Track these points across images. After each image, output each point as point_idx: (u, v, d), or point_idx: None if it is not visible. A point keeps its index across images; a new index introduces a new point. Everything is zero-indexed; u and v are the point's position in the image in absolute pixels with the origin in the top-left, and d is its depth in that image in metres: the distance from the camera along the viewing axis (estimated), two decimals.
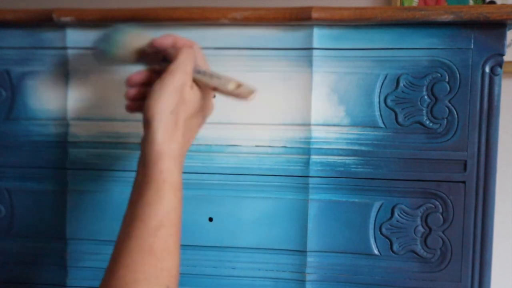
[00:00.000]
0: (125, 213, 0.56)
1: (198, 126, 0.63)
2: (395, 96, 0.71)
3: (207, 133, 0.74)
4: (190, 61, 0.58)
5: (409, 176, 0.72)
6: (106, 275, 0.53)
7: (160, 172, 0.54)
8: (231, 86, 0.57)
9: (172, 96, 0.55)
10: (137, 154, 0.75)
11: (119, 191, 0.76)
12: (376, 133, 0.72)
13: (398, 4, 1.31)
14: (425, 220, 0.72)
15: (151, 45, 0.63)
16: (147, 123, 0.56)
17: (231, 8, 0.69)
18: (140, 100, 0.60)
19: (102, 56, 0.65)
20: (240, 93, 0.56)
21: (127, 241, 0.53)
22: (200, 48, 0.63)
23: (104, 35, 0.65)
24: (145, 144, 0.56)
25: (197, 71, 0.59)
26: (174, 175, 0.55)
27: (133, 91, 0.62)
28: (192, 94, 0.58)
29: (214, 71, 0.60)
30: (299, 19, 0.68)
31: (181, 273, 0.76)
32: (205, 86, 0.59)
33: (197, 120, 0.62)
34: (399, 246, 0.73)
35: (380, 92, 0.71)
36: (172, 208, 0.54)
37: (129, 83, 0.62)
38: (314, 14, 0.67)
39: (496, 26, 0.68)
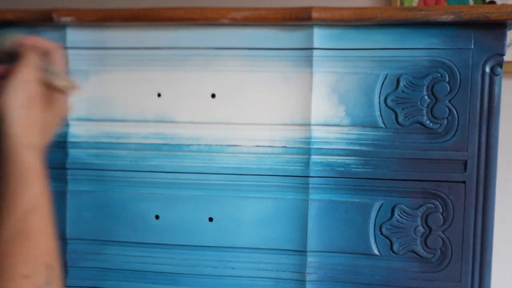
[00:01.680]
0: None
1: (54, 122, 0.64)
2: (395, 96, 0.71)
3: (207, 133, 0.74)
4: (33, 58, 0.61)
5: (409, 176, 0.71)
6: None
7: (22, 162, 0.57)
8: (58, 82, 0.61)
9: (21, 91, 0.58)
10: (137, 154, 0.76)
11: (119, 191, 0.76)
12: (376, 133, 0.72)
13: (398, 4, 1.31)
14: (425, 220, 0.72)
15: (16, 43, 0.64)
16: (2, 119, 0.59)
17: (231, 8, 0.69)
18: None
19: None
20: (63, 88, 0.61)
21: (0, 231, 0.56)
22: (60, 49, 0.64)
23: None
24: (4, 139, 0.59)
25: (44, 69, 0.61)
26: (35, 164, 0.57)
27: None
28: (39, 89, 0.61)
29: (61, 72, 0.62)
30: (299, 19, 0.68)
31: (181, 273, 0.77)
32: (42, 82, 0.62)
33: (52, 116, 0.63)
34: (399, 246, 0.73)
35: (380, 92, 0.71)
36: (40, 193, 0.57)
37: None
38: (314, 14, 0.67)
39: (496, 26, 0.68)
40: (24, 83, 0.59)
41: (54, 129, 0.63)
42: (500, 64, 0.69)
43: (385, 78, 0.71)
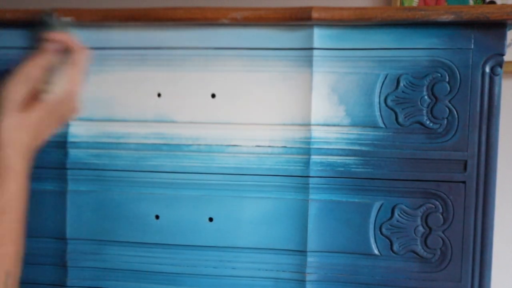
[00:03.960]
0: None
1: (52, 124, 0.63)
2: (395, 96, 0.71)
3: (207, 133, 0.74)
4: (44, 57, 0.60)
5: (409, 176, 0.71)
6: None
7: (3, 160, 0.55)
8: (45, 92, 0.60)
9: (22, 86, 0.57)
10: (137, 154, 0.76)
11: (119, 191, 0.76)
12: (376, 133, 0.72)
13: (398, 4, 1.31)
14: (425, 220, 0.72)
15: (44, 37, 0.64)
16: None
17: (231, 8, 0.69)
18: None
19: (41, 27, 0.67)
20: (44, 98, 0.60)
21: None
22: (86, 50, 0.64)
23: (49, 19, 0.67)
24: None
25: (47, 73, 0.61)
26: (17, 164, 0.56)
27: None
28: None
29: (59, 83, 0.61)
30: (299, 19, 0.68)
31: (181, 273, 0.77)
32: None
33: (51, 117, 0.62)
34: (399, 246, 0.73)
35: (380, 92, 0.71)
36: (14, 195, 0.55)
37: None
38: (314, 14, 0.67)
39: (496, 26, 0.68)
40: (26, 79, 0.58)
41: (51, 131, 0.62)
42: (500, 64, 0.69)
43: (385, 78, 0.71)
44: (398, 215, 0.72)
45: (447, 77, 0.70)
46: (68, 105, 0.61)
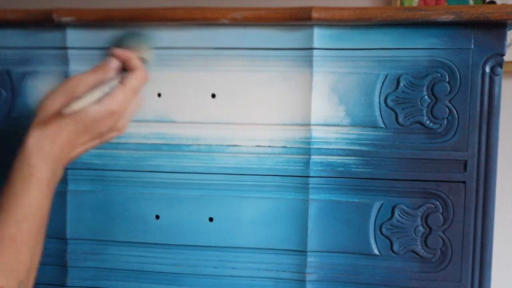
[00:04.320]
0: None
1: (91, 140, 0.62)
2: (395, 96, 0.71)
3: (207, 133, 0.74)
4: (94, 75, 0.60)
5: (409, 176, 0.71)
6: None
7: (28, 166, 0.55)
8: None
9: (60, 98, 0.57)
10: (137, 154, 0.76)
11: (119, 191, 0.76)
12: (376, 133, 0.72)
13: (398, 4, 1.31)
14: (425, 220, 0.72)
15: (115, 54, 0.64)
16: (34, 116, 0.58)
17: (231, 8, 0.69)
18: None
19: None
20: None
21: None
22: (144, 75, 0.63)
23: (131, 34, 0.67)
24: (26, 136, 0.58)
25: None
26: (43, 172, 0.56)
27: None
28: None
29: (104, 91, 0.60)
30: (299, 19, 0.68)
31: (181, 273, 0.77)
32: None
33: (90, 134, 0.61)
34: (399, 246, 0.73)
35: (380, 92, 0.71)
36: (37, 203, 0.55)
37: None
38: (314, 14, 0.67)
39: (496, 26, 0.68)
40: (64, 94, 0.58)
41: (87, 147, 0.61)
42: (500, 64, 0.69)
43: (385, 78, 0.71)
44: (398, 215, 0.72)
45: (447, 77, 0.70)
46: (107, 123, 0.59)
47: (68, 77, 0.59)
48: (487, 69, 0.69)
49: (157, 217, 0.76)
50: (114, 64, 0.61)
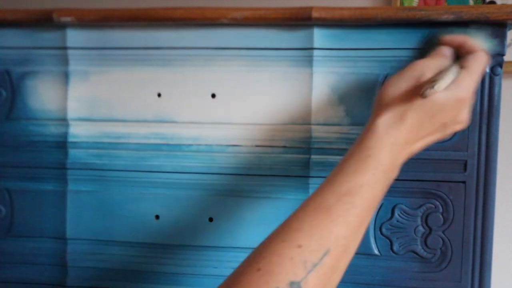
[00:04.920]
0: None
1: (435, 130, 0.58)
2: None
3: (208, 133, 0.74)
4: (436, 61, 0.57)
5: (409, 176, 0.71)
6: (274, 234, 0.49)
7: (367, 148, 0.53)
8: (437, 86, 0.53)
9: (402, 83, 0.54)
10: (137, 154, 0.76)
11: (119, 191, 0.76)
12: None
13: (398, 4, 1.31)
14: (425, 220, 0.72)
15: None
16: (377, 103, 0.55)
17: (231, 8, 0.69)
18: None
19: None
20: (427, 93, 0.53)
21: (307, 201, 0.51)
22: (486, 56, 0.59)
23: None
24: (377, 120, 0.55)
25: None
26: (381, 155, 0.53)
27: None
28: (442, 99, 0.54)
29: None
30: (299, 19, 0.68)
31: (181, 273, 0.77)
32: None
33: (435, 123, 0.56)
34: (399, 246, 0.73)
35: None
36: (367, 184, 0.51)
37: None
38: (314, 14, 0.67)
39: (496, 26, 0.68)
40: (407, 78, 0.55)
41: (431, 137, 0.57)
42: (500, 64, 0.69)
43: (385, 78, 0.71)
44: (398, 215, 0.72)
45: None
46: (453, 113, 0.56)
47: (68, 77, 0.58)
48: (487, 69, 0.69)
49: (157, 217, 0.76)
50: (448, 51, 0.59)
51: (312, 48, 0.71)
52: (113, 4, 1.26)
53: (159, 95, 0.75)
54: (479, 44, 0.62)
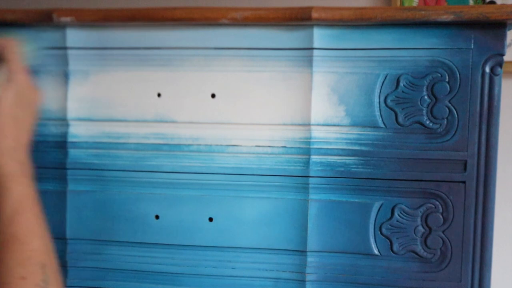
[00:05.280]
0: None
1: (30, 119, 0.62)
2: (395, 96, 0.71)
3: (207, 133, 0.74)
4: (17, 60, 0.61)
5: (409, 176, 0.71)
6: None
7: None
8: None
9: (11, 93, 0.58)
10: (137, 154, 0.76)
11: (119, 191, 0.76)
12: (376, 133, 0.72)
13: (398, 4, 1.31)
14: (425, 220, 0.72)
15: None
16: None
17: (231, 8, 0.69)
18: None
19: None
20: None
21: None
22: (12, 42, 0.63)
23: None
24: None
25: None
26: (10, 167, 0.57)
27: None
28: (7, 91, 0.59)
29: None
30: (299, 19, 0.68)
31: (181, 273, 0.77)
32: None
33: (27, 113, 0.61)
34: (399, 246, 0.73)
35: (380, 92, 0.71)
36: (22, 195, 0.56)
37: None
38: (314, 14, 0.67)
39: (496, 26, 0.68)
40: (16, 86, 0.59)
41: (29, 122, 0.62)
42: (500, 64, 0.69)
43: (385, 78, 0.71)
44: (398, 215, 0.72)
45: (447, 77, 0.70)
46: (27, 93, 0.61)
47: (68, 77, 0.59)
48: (487, 69, 0.69)
49: (157, 217, 0.76)
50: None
51: (312, 48, 0.71)
52: (113, 4, 1.25)
53: (159, 95, 0.75)
54: (19, 46, 0.64)
